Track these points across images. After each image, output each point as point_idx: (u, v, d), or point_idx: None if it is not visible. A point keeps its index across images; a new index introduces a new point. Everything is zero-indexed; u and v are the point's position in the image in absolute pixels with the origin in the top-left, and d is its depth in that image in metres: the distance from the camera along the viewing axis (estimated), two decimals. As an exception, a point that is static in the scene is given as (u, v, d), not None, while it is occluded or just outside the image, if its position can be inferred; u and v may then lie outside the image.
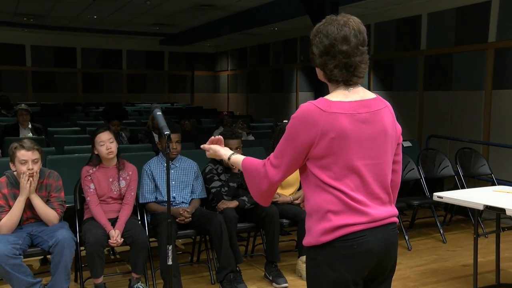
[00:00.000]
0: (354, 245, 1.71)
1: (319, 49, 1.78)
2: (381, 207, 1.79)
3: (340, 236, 1.71)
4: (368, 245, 1.73)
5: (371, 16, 9.54)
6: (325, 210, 1.73)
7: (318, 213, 1.75)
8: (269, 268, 3.97)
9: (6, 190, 3.33)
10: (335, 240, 1.72)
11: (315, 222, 1.76)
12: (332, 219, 1.72)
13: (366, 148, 1.76)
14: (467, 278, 4.00)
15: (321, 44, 1.77)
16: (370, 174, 1.77)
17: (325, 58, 1.77)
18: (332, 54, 1.75)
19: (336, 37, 1.74)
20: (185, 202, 3.99)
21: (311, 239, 1.77)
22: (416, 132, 8.68)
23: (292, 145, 1.78)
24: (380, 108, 1.81)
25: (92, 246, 3.37)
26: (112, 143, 3.71)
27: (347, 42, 1.74)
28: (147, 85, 16.70)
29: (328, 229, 1.72)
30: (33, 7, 10.62)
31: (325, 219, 1.73)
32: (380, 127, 1.79)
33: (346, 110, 1.73)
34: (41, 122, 7.66)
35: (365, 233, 1.73)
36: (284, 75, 13.13)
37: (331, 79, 1.80)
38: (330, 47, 1.75)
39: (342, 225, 1.71)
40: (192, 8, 10.48)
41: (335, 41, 1.74)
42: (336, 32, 1.74)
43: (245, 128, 7.28)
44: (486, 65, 7.42)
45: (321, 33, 1.78)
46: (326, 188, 1.74)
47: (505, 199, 3.47)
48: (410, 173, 5.26)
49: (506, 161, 7.00)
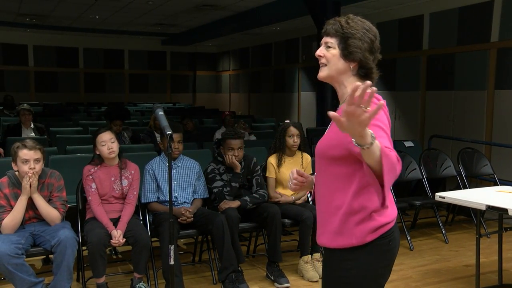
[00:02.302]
0: (390, 241, 1.76)
1: (366, 43, 1.75)
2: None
3: (381, 234, 1.74)
4: (396, 240, 1.80)
5: (373, 16, 9.53)
6: (370, 209, 1.72)
7: (361, 213, 1.72)
8: (271, 268, 3.97)
9: (7, 190, 3.33)
10: (377, 238, 1.74)
11: (357, 222, 1.73)
12: (376, 218, 1.73)
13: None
14: (469, 279, 3.99)
15: (367, 37, 1.76)
16: None
17: (369, 52, 1.77)
18: (373, 50, 1.77)
19: (375, 34, 1.77)
20: (187, 202, 3.99)
21: (352, 240, 1.73)
22: (418, 132, 8.68)
23: (387, 134, 1.69)
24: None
25: (94, 246, 3.38)
26: (114, 143, 3.72)
27: (377, 39, 1.78)
28: (149, 85, 16.72)
29: (373, 228, 1.72)
30: (35, 7, 10.65)
31: (370, 218, 1.72)
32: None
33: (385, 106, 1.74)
34: (43, 122, 7.68)
35: (394, 229, 1.79)
36: (286, 75, 13.13)
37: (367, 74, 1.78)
38: (371, 43, 1.76)
39: (384, 224, 1.74)
40: (194, 8, 10.49)
41: (375, 38, 1.77)
42: (374, 29, 1.77)
43: (246, 128, 7.27)
44: (488, 65, 7.41)
45: (363, 29, 1.76)
46: (366, 186, 1.70)
47: (508, 199, 3.46)
48: (412, 173, 5.25)
49: (508, 161, 6.99)
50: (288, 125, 4.27)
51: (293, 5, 9.00)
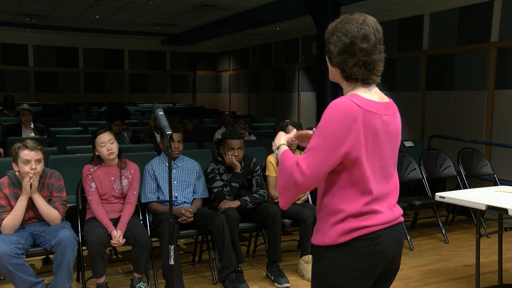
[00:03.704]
0: (370, 245, 1.74)
1: (338, 48, 1.77)
2: (394, 208, 1.85)
3: (357, 237, 1.74)
4: (383, 244, 1.77)
5: (373, 16, 9.53)
6: (347, 211, 1.74)
7: (338, 214, 1.75)
8: (271, 268, 3.97)
9: (8, 190, 3.34)
10: (352, 240, 1.74)
11: (333, 223, 1.76)
12: (351, 220, 1.74)
13: (386, 150, 1.80)
14: (469, 279, 4.00)
15: (340, 42, 1.77)
16: (387, 175, 1.82)
17: (344, 56, 1.77)
18: (352, 52, 1.75)
19: (356, 35, 1.75)
20: (187, 202, 3.99)
21: (326, 239, 1.77)
22: (418, 132, 8.68)
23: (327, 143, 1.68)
24: (395, 111, 1.87)
25: (94, 246, 3.38)
26: (113, 143, 3.71)
27: (367, 40, 1.75)
28: (149, 85, 16.72)
29: (347, 230, 1.73)
30: (35, 7, 10.65)
31: (345, 221, 1.74)
32: (396, 129, 1.86)
33: (378, 110, 1.75)
34: (43, 122, 7.68)
35: (381, 233, 1.77)
36: (286, 75, 13.13)
37: (350, 78, 1.80)
38: (350, 45, 1.75)
39: (360, 227, 1.73)
40: (194, 8, 10.49)
41: (355, 39, 1.74)
42: (356, 31, 1.75)
43: (246, 128, 7.28)
44: (489, 65, 7.41)
45: (339, 31, 1.78)
46: (350, 189, 1.74)
47: (508, 199, 3.46)
48: (412, 173, 5.26)
49: (508, 161, 6.99)
50: (287, 125, 4.29)
51: (293, 5, 9.00)
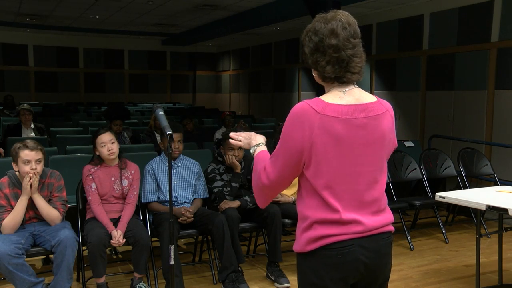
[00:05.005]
0: (339, 255, 1.66)
1: (309, 48, 1.72)
2: (373, 216, 1.72)
3: (324, 245, 1.67)
4: (354, 254, 1.67)
5: (373, 16, 9.54)
6: (312, 218, 1.68)
7: (306, 221, 1.71)
8: (271, 268, 3.97)
9: (8, 190, 3.34)
10: (319, 248, 1.67)
11: (302, 230, 1.73)
12: (317, 228, 1.67)
13: (361, 155, 1.69)
14: (469, 279, 4.00)
15: (311, 42, 1.71)
16: (363, 181, 1.70)
17: (316, 55, 1.70)
18: (322, 50, 1.68)
19: (323, 32, 1.67)
20: (187, 202, 3.99)
21: (297, 246, 1.75)
22: (418, 132, 8.68)
23: (285, 147, 1.70)
24: (380, 112, 1.73)
25: (94, 246, 3.38)
26: (114, 144, 3.71)
27: (335, 35, 1.66)
28: (149, 85, 16.72)
29: (313, 238, 1.68)
30: (35, 7, 10.65)
31: (311, 228, 1.69)
32: (378, 132, 1.71)
33: (342, 114, 1.65)
34: (43, 122, 7.68)
35: (353, 242, 1.67)
36: (286, 75, 13.12)
37: (325, 77, 1.73)
38: (319, 42, 1.68)
39: (327, 235, 1.66)
40: (194, 8, 10.49)
41: (323, 36, 1.67)
42: (323, 27, 1.68)
43: (246, 128, 7.27)
44: (489, 65, 7.41)
45: (310, 31, 1.72)
46: (315, 195, 1.69)
47: (508, 199, 3.46)
48: (412, 173, 5.25)
49: (508, 161, 6.99)
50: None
51: (293, 5, 9.00)
